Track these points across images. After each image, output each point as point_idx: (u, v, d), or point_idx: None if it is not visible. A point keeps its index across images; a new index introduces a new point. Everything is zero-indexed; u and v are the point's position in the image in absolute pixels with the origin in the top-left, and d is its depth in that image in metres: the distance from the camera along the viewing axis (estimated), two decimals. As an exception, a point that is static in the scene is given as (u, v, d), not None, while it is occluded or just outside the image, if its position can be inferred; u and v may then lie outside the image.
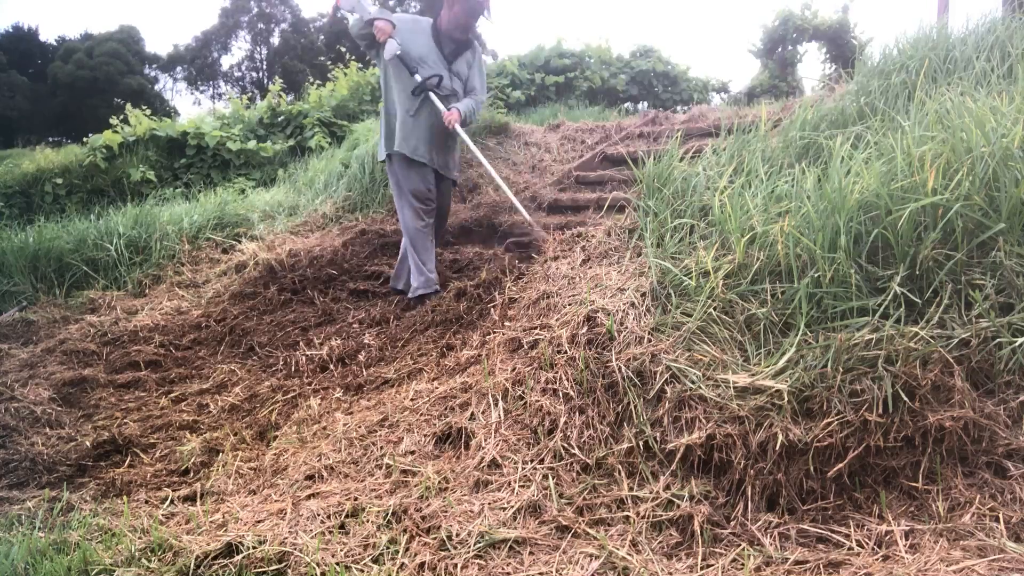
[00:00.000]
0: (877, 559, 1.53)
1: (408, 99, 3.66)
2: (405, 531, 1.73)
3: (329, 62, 11.03)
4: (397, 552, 1.65)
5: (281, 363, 3.23)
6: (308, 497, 1.99)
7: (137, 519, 1.98)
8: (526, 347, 2.42)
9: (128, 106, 8.90)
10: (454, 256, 4.27)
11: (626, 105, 11.25)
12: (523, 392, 2.21)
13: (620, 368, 2.04)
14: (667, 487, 1.78)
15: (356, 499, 1.91)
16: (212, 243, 5.08)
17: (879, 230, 2.13)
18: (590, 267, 2.76)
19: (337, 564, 1.61)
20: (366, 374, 2.94)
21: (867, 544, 1.58)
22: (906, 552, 1.53)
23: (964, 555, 1.49)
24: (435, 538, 1.69)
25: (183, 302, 4.20)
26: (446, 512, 1.79)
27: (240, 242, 4.96)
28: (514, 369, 2.34)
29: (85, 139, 8.28)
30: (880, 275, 2.09)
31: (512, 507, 1.79)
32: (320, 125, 8.91)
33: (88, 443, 2.60)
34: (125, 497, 2.21)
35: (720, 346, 2.08)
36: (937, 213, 2.06)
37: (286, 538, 1.72)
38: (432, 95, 3.64)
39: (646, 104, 11.93)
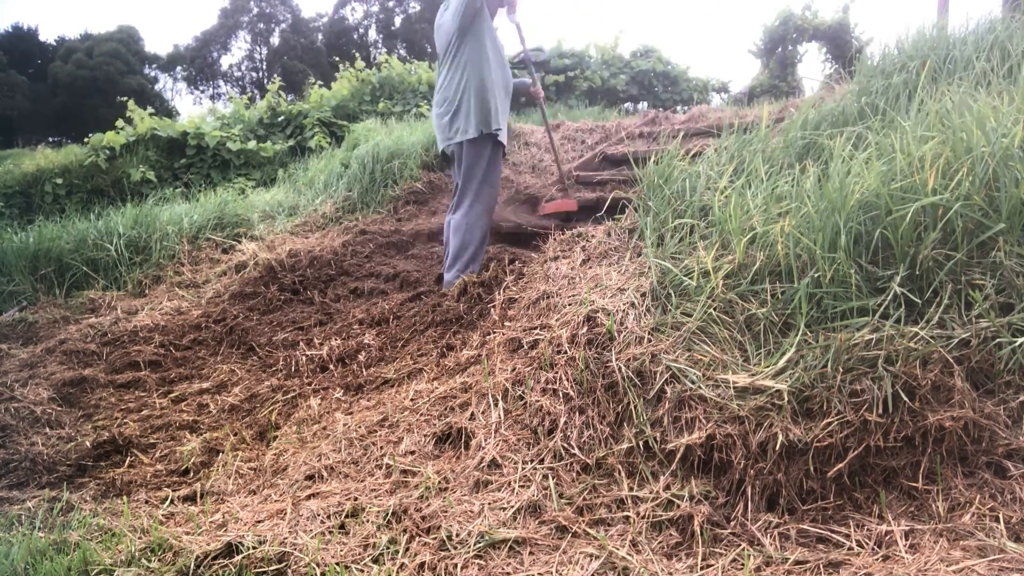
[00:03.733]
0: (877, 559, 1.53)
1: (505, 75, 3.81)
2: (405, 531, 1.73)
3: (339, 63, 11.06)
4: (397, 552, 1.65)
5: (281, 363, 3.23)
6: (308, 497, 1.99)
7: (137, 519, 1.98)
8: (526, 347, 2.42)
9: (131, 103, 8.89)
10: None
11: (626, 105, 11.26)
12: (523, 392, 2.21)
13: (620, 368, 2.04)
14: (667, 487, 1.78)
15: (356, 499, 1.91)
16: (212, 243, 5.08)
17: (879, 230, 2.13)
18: (590, 267, 2.76)
19: (337, 564, 1.61)
20: (366, 374, 2.94)
21: (867, 544, 1.58)
22: (906, 552, 1.53)
23: (964, 555, 1.49)
24: (435, 538, 1.69)
25: (183, 302, 4.20)
26: (446, 512, 1.79)
27: (240, 242, 4.96)
28: (514, 369, 2.34)
29: (85, 139, 8.28)
30: (880, 275, 2.09)
31: (512, 507, 1.79)
32: (320, 125, 8.91)
33: (88, 443, 2.60)
34: (125, 497, 2.21)
35: (720, 346, 2.08)
36: (937, 213, 2.06)
37: (286, 538, 1.72)
38: (533, 68, 4.09)
39: (646, 104, 11.93)
